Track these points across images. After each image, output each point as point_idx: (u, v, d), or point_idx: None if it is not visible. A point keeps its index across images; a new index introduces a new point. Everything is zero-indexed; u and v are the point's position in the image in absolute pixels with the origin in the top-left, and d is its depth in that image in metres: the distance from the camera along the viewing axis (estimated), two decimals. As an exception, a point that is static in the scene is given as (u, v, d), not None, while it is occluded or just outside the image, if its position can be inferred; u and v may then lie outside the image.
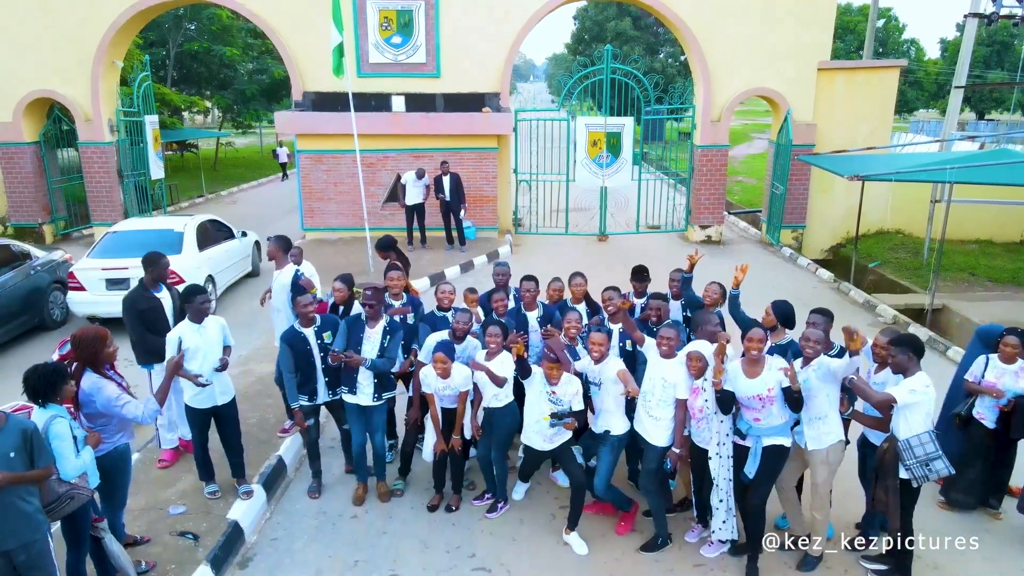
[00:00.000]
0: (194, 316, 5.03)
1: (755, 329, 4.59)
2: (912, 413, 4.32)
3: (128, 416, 4.06)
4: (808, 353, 4.71)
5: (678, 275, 6.05)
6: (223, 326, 5.30)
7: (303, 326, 5.24)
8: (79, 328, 4.27)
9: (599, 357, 4.85)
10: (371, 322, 5.19)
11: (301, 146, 14.04)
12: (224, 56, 25.56)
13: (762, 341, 4.54)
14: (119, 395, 4.07)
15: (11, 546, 3.35)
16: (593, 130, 14.26)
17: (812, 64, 13.72)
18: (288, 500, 5.41)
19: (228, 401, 5.26)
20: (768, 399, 4.45)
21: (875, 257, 13.33)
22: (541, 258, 13.34)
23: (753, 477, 4.57)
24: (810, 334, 4.72)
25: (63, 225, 15.28)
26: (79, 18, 13.53)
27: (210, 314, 5.18)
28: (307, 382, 5.30)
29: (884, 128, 14.22)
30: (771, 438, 4.53)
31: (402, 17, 13.58)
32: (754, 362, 4.52)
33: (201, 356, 4.99)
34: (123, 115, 14.48)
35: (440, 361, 4.92)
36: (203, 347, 5.01)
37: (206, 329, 5.09)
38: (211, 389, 5.04)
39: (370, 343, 5.14)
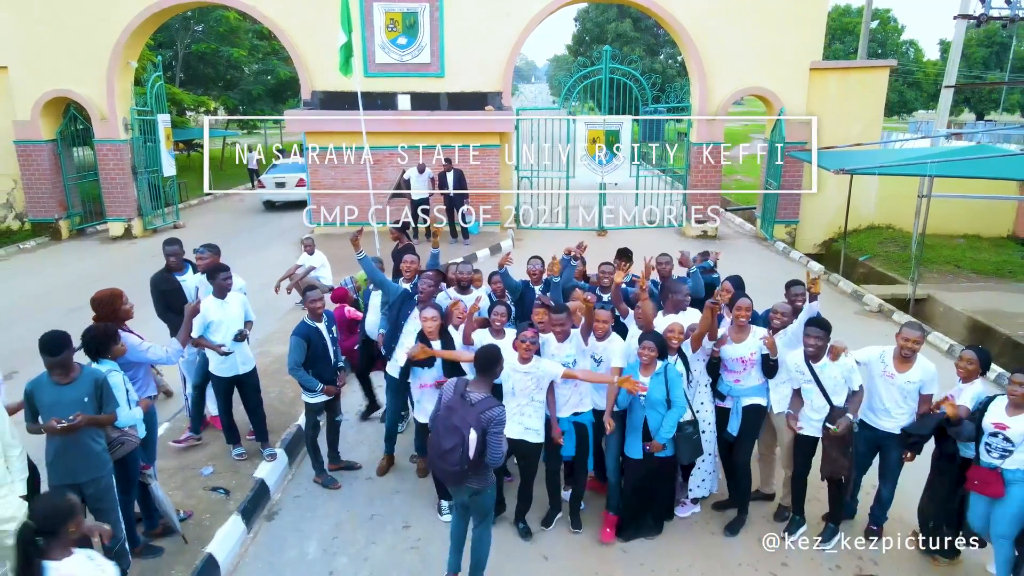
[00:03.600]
0: (218, 292, 5.50)
1: (743, 299, 5.04)
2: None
3: (153, 358, 4.57)
4: (776, 324, 5.18)
5: (666, 258, 6.47)
6: (244, 302, 5.76)
7: (313, 320, 5.33)
8: (97, 291, 4.65)
9: (603, 334, 4.95)
10: (422, 304, 5.25)
11: (310, 143, 14.51)
12: (231, 57, 26.07)
13: (749, 309, 5.03)
14: (141, 342, 4.55)
15: (83, 479, 3.82)
16: (592, 128, 14.72)
17: (804, 64, 14.18)
18: (308, 464, 5.85)
19: (249, 370, 5.69)
20: (750, 362, 4.96)
21: (866, 251, 13.78)
22: (541, 251, 13.68)
23: (736, 435, 5.03)
24: (779, 307, 5.20)
25: (78, 220, 15.76)
26: (95, 20, 14.02)
27: (231, 288, 5.62)
28: (321, 376, 5.35)
29: (875, 126, 14.67)
30: (750, 398, 5.02)
31: (407, 19, 14.06)
32: (741, 328, 5.02)
33: (224, 328, 5.45)
34: (137, 114, 14.97)
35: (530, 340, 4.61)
36: (226, 320, 5.47)
37: (228, 304, 5.54)
38: (233, 359, 5.50)
39: (415, 323, 5.28)
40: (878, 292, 11.24)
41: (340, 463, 5.82)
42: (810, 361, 4.74)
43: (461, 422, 3.95)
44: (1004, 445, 4.23)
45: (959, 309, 10.52)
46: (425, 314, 5.07)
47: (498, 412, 3.99)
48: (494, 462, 4.00)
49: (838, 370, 4.69)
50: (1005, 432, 4.23)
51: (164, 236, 15.55)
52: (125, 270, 12.84)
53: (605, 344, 4.96)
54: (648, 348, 4.66)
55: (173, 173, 16.53)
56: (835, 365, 4.69)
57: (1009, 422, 4.24)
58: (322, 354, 5.39)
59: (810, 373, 4.71)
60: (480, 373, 4.18)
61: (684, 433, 4.71)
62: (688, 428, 4.74)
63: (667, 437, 4.66)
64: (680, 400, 4.67)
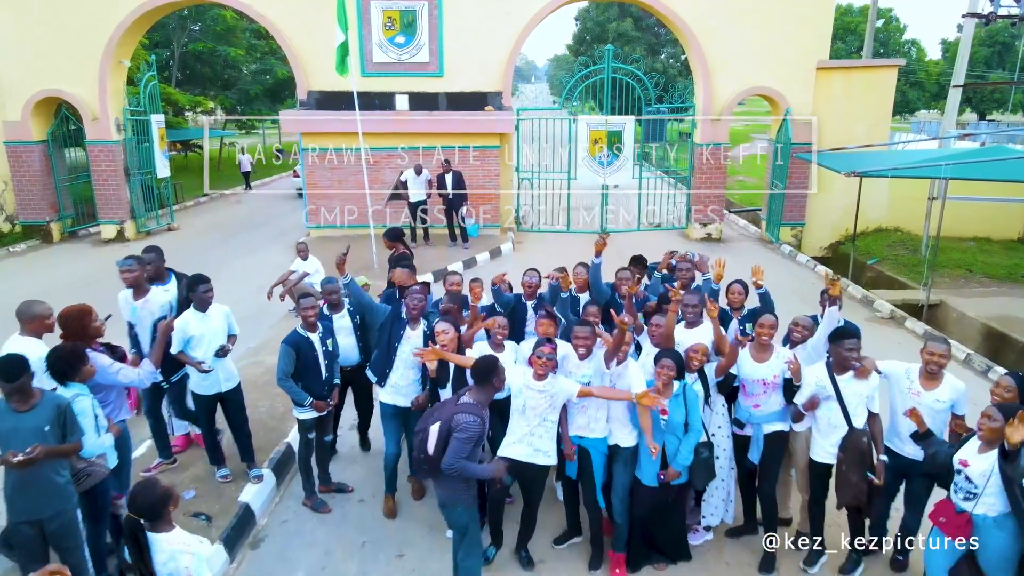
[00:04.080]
0: (198, 305, 5.17)
1: (767, 315, 4.70)
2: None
3: (124, 381, 4.22)
4: (795, 337, 4.88)
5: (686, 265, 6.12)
6: (227, 314, 5.43)
7: (306, 330, 5.03)
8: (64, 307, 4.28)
9: (622, 358, 4.47)
10: (413, 323, 5.00)
11: (306, 144, 14.20)
12: (228, 56, 25.76)
13: (773, 327, 4.65)
14: (111, 363, 4.21)
15: (45, 515, 3.52)
16: (594, 129, 14.41)
17: (811, 63, 13.87)
18: (297, 485, 5.55)
19: (233, 387, 5.38)
20: (772, 385, 4.59)
21: (874, 254, 13.47)
22: (543, 255, 13.47)
23: (759, 464, 4.70)
24: (799, 319, 4.89)
25: (70, 223, 15.46)
26: (87, 19, 13.71)
27: (212, 301, 5.29)
28: (310, 390, 5.02)
29: (882, 127, 14.35)
30: (771, 424, 4.66)
31: (405, 17, 13.75)
32: (764, 347, 4.64)
33: (205, 343, 5.14)
34: (130, 114, 14.66)
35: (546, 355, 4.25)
36: (207, 335, 5.15)
37: (210, 318, 5.21)
38: (215, 375, 5.18)
39: (409, 344, 4.95)
40: (888, 297, 10.94)
41: (331, 485, 5.50)
42: (834, 373, 4.41)
43: (437, 413, 3.99)
44: (967, 486, 3.78)
45: (973, 315, 10.21)
46: (438, 327, 4.70)
47: (473, 423, 3.83)
48: (447, 467, 3.81)
49: (863, 387, 4.37)
50: (966, 470, 3.78)
51: (160, 238, 15.56)
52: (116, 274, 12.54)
53: (621, 369, 4.50)
54: (666, 368, 4.32)
55: (167, 174, 16.22)
56: (861, 381, 4.37)
57: (972, 459, 3.77)
58: (312, 366, 5.07)
59: (832, 388, 4.38)
60: (476, 383, 4.03)
61: (699, 457, 4.39)
62: (703, 452, 4.42)
63: (685, 464, 4.34)
64: (698, 424, 4.36)
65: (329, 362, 5.21)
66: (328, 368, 5.20)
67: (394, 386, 5.05)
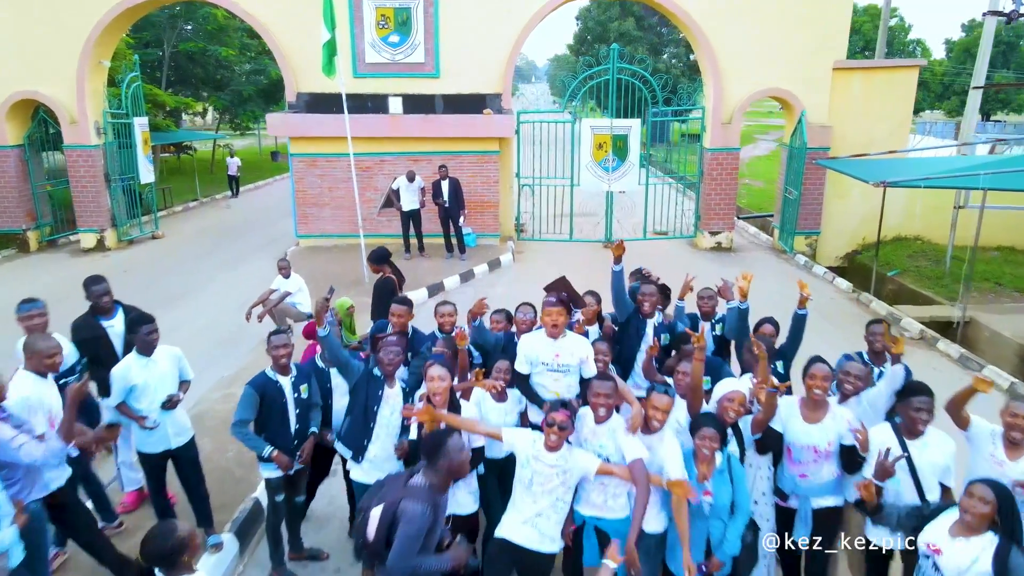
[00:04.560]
0: (142, 348, 4.44)
1: (819, 364, 3.91)
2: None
3: (25, 460, 3.46)
4: (847, 390, 4.14)
5: (710, 292, 5.42)
6: (178, 358, 4.70)
7: (277, 372, 4.40)
8: None
9: (659, 427, 3.73)
10: (390, 380, 4.23)
11: (295, 149, 13.49)
12: (220, 56, 25.01)
13: (828, 380, 3.87)
14: (14, 435, 3.46)
15: None
16: (598, 132, 13.69)
17: (827, 63, 13.15)
18: (264, 550, 4.83)
19: (185, 442, 4.66)
20: (825, 453, 3.78)
21: (895, 265, 12.74)
22: (544, 266, 12.77)
23: (808, 546, 3.92)
24: (851, 367, 4.15)
25: (48, 231, 14.74)
26: (63, 16, 13.00)
27: (157, 345, 4.55)
28: (275, 443, 4.33)
29: (902, 130, 13.64)
30: (822, 499, 3.88)
31: (400, 15, 13.02)
32: (816, 404, 3.86)
33: (150, 393, 4.42)
34: (110, 117, 13.93)
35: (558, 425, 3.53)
36: (152, 383, 4.43)
37: (156, 363, 4.49)
38: (163, 430, 4.47)
39: (389, 407, 4.19)
40: (915, 314, 10.21)
41: (302, 552, 4.77)
42: (904, 438, 3.67)
43: (383, 492, 3.30)
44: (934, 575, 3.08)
45: (1008, 335, 9.47)
46: (432, 372, 3.91)
47: (421, 514, 3.08)
48: (392, 567, 3.06)
49: (939, 455, 3.61)
50: (936, 559, 3.08)
51: (142, 246, 14.87)
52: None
53: (653, 441, 3.71)
54: (709, 440, 3.54)
55: (152, 180, 15.49)
56: (937, 446, 3.62)
57: (946, 545, 3.07)
58: (278, 416, 4.36)
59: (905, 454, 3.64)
60: (426, 461, 3.29)
61: (744, 542, 3.64)
62: (748, 536, 3.67)
63: (733, 553, 3.57)
64: (746, 502, 3.60)
65: (302, 411, 4.49)
66: (301, 419, 4.47)
67: (372, 461, 4.18)
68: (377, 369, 4.22)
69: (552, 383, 4.23)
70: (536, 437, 3.64)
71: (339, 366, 4.36)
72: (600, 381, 3.81)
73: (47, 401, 3.92)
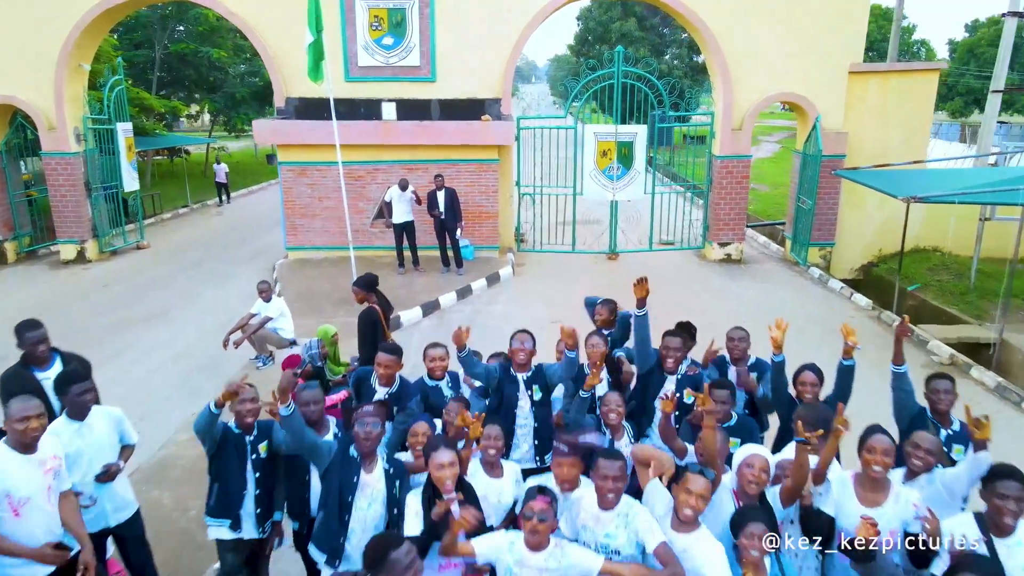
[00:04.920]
0: (73, 411, 3.80)
1: (879, 435, 3.28)
2: None
3: None
4: (915, 465, 3.49)
5: (741, 333, 4.76)
6: (118, 420, 4.06)
7: (239, 428, 3.91)
8: None
9: (692, 516, 3.02)
10: (367, 462, 3.50)
11: (284, 157, 12.85)
12: (212, 57, 24.37)
13: (889, 454, 3.25)
14: None
15: None
16: (603, 139, 13.06)
17: (843, 66, 12.52)
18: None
19: (127, 519, 4.06)
20: (887, 543, 3.13)
21: (914, 279, 12.10)
22: (546, 279, 12.15)
23: None
24: (921, 439, 3.48)
25: (27, 242, 14.12)
26: (41, 17, 12.36)
27: (95, 406, 3.92)
28: (230, 504, 3.84)
29: (921, 137, 13.00)
30: None
31: (394, 16, 12.38)
32: (876, 483, 3.23)
33: (84, 464, 3.78)
34: (91, 122, 13.29)
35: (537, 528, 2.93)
36: (87, 452, 3.79)
37: (91, 428, 3.85)
38: (100, 506, 3.85)
39: (367, 496, 3.46)
40: (942, 335, 9.55)
41: None
42: (992, 535, 3.03)
43: None
44: None
45: (1045, 359, 8.84)
46: (438, 458, 3.16)
47: None
48: None
49: None
50: None
51: (125, 258, 14.22)
52: (70, 301, 11.21)
53: (691, 541, 3.02)
54: (759, 538, 2.85)
55: (136, 187, 14.86)
56: None
57: None
58: (234, 470, 3.86)
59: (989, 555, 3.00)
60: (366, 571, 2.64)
61: None
62: None
63: None
64: None
65: (262, 476, 3.90)
66: (261, 485, 3.89)
67: (349, 558, 3.44)
68: (353, 448, 3.50)
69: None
70: (514, 538, 2.99)
71: (304, 451, 3.61)
72: (607, 460, 3.16)
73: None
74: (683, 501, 3.02)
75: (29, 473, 3.28)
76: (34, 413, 3.27)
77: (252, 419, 3.94)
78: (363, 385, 4.48)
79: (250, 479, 3.90)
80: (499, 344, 4.93)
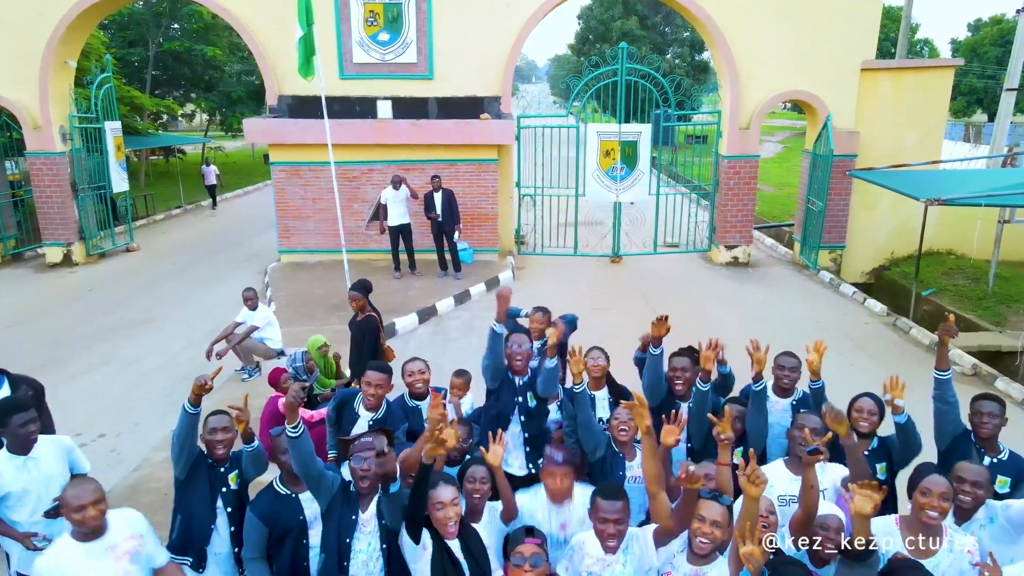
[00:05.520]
0: (14, 446, 3.40)
1: (935, 477, 2.85)
2: None
3: None
4: (963, 501, 3.06)
5: (793, 362, 4.15)
6: (67, 450, 3.67)
7: (211, 458, 3.54)
8: None
9: (708, 546, 2.71)
10: (365, 501, 3.14)
11: (276, 157, 12.44)
12: (206, 55, 23.96)
13: (947, 498, 2.82)
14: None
15: None
16: (606, 138, 12.64)
17: (855, 64, 12.10)
18: None
19: None
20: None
21: (928, 283, 11.68)
22: (547, 283, 11.73)
23: None
24: (965, 471, 3.03)
25: (13, 244, 13.71)
26: (24, 13, 11.94)
27: (38, 438, 3.51)
28: (193, 539, 3.40)
29: (935, 137, 12.58)
30: None
31: (390, 11, 11.96)
32: (928, 530, 2.83)
33: (32, 501, 3.39)
34: (78, 121, 12.88)
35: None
36: (33, 489, 3.40)
37: (37, 462, 3.45)
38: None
39: (366, 537, 3.07)
40: (962, 343, 9.13)
41: None
42: None
43: None
44: None
45: (1071, 369, 8.42)
46: (440, 496, 2.85)
47: None
48: None
49: None
50: None
51: (113, 261, 13.79)
52: (53, 306, 10.80)
53: (712, 573, 2.72)
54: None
55: (125, 188, 14.42)
56: None
57: None
58: (199, 506, 3.46)
59: None
60: None
61: None
62: None
63: None
64: None
65: (234, 512, 3.51)
66: (235, 521, 3.48)
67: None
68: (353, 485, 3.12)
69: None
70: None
71: (309, 481, 3.15)
72: (607, 501, 2.81)
73: None
74: (697, 530, 2.70)
75: (97, 566, 2.81)
76: (90, 500, 2.78)
77: (225, 451, 3.56)
78: (345, 409, 4.06)
79: (220, 513, 3.51)
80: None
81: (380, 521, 3.09)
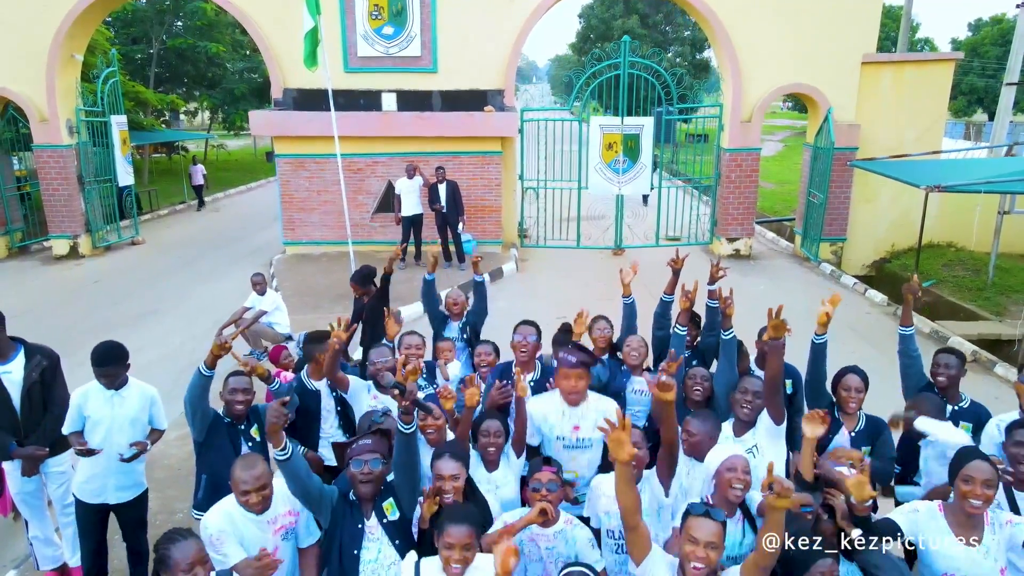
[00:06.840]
0: (104, 380, 3.69)
1: (978, 462, 2.68)
2: None
3: None
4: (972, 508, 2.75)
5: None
6: (151, 400, 3.89)
7: (229, 418, 3.68)
8: None
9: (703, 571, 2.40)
10: (367, 507, 2.97)
11: (280, 149, 12.53)
12: (209, 52, 24.05)
13: (991, 485, 2.66)
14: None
15: None
16: (608, 132, 12.73)
17: (855, 57, 12.18)
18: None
19: (130, 500, 3.86)
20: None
21: (929, 275, 11.76)
22: (550, 275, 11.82)
23: None
24: (976, 471, 2.69)
25: (19, 237, 13.79)
26: (31, 7, 12.04)
27: (128, 380, 3.81)
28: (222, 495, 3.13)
29: (936, 130, 12.67)
30: None
31: (394, 4, 12.06)
32: (970, 519, 2.70)
33: (103, 432, 3.66)
34: (84, 115, 12.97)
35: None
36: (110, 423, 3.68)
37: (123, 400, 3.73)
38: (102, 481, 3.71)
39: (375, 545, 2.91)
40: (962, 331, 9.22)
41: None
42: None
43: None
44: None
45: (1069, 356, 8.51)
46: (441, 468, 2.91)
47: None
48: None
49: None
50: None
51: (119, 254, 13.89)
52: (60, 298, 10.89)
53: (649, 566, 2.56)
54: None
55: (131, 182, 14.53)
56: None
57: None
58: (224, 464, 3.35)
59: None
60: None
61: None
62: None
63: None
64: None
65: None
66: None
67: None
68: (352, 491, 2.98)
69: (569, 461, 3.38)
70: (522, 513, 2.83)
71: (309, 501, 2.99)
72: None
73: None
74: (690, 554, 2.39)
75: (257, 534, 2.93)
76: (253, 487, 2.86)
77: (244, 408, 3.70)
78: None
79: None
80: (501, 341, 4.63)
81: (382, 522, 2.96)
